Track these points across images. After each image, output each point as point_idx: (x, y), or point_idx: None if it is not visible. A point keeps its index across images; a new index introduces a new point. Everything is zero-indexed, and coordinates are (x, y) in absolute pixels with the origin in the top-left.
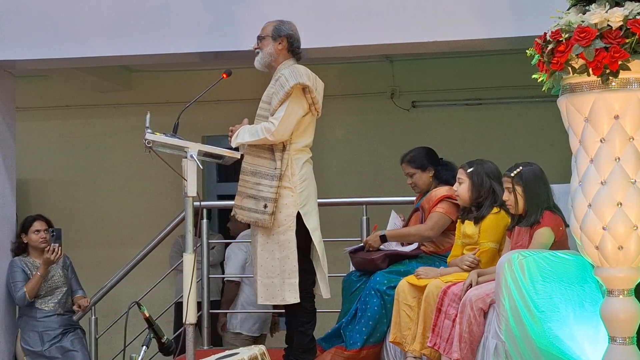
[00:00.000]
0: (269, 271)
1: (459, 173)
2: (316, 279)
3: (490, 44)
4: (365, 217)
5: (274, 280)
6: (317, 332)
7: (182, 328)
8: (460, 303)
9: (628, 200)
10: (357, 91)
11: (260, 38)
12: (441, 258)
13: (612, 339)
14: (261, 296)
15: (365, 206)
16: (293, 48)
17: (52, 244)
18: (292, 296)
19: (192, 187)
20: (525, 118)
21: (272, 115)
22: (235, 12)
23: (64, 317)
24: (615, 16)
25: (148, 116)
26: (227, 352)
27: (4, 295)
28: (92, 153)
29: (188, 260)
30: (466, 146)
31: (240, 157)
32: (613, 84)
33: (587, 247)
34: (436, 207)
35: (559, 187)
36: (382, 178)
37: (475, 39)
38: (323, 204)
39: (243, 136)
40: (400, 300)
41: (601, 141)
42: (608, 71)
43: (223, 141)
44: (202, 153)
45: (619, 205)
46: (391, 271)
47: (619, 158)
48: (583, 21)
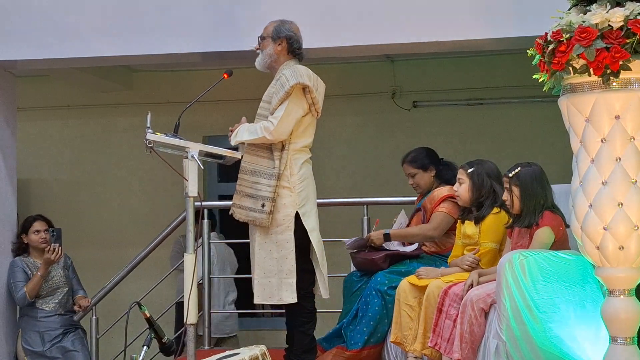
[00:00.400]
0: (267, 271)
1: (459, 173)
2: (316, 279)
3: (491, 44)
4: (366, 217)
5: (272, 280)
6: (318, 333)
7: (183, 328)
8: (461, 303)
9: (629, 200)
10: (358, 91)
11: (261, 38)
12: (442, 258)
13: (613, 339)
14: (258, 296)
15: (366, 206)
16: (293, 49)
17: (53, 244)
18: (290, 296)
19: (193, 187)
20: (526, 118)
21: (272, 114)
22: (236, 12)
23: (65, 317)
24: (616, 16)
25: (149, 116)
26: (228, 352)
27: (5, 295)
28: (93, 153)
29: (189, 260)
30: (467, 146)
31: (241, 157)
32: (614, 84)
33: (588, 247)
34: (439, 207)
35: (559, 187)
36: (383, 178)
37: (476, 39)
38: (323, 204)
39: (242, 134)
40: (401, 300)
41: (602, 141)
42: (609, 71)
43: (224, 141)
44: (203, 153)
45: (620, 205)
46: (392, 271)
47: (620, 158)
48: (584, 21)
